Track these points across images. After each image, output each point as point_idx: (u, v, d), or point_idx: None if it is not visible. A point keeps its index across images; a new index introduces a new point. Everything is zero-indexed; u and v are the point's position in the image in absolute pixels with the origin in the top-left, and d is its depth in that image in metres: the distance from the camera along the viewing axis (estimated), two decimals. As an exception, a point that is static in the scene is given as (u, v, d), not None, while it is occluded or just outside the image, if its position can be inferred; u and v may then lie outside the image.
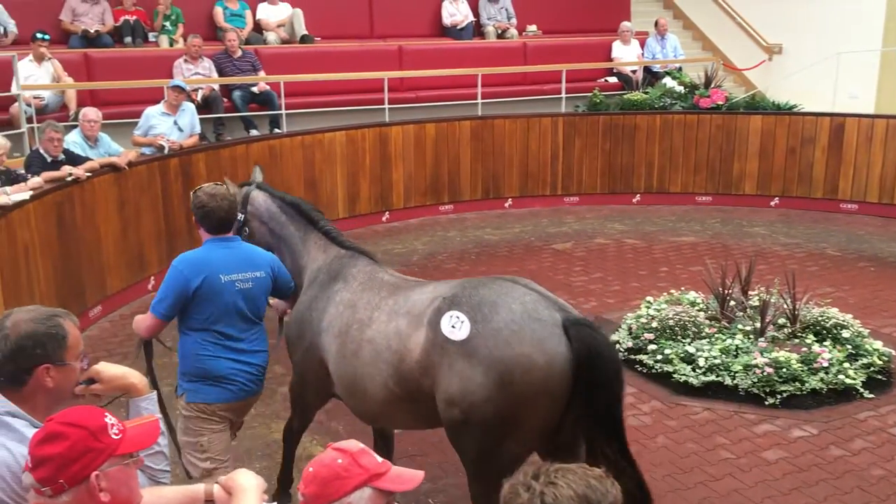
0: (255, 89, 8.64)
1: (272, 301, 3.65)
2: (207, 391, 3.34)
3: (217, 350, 3.32)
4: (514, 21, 11.01)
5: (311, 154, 8.16)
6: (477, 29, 10.89)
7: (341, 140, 8.44)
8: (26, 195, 5.22)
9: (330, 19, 10.10)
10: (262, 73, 8.78)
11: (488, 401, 2.81)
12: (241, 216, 3.87)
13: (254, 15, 9.65)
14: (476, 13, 10.92)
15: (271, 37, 9.53)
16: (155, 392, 2.12)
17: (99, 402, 1.95)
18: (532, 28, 11.18)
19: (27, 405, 1.86)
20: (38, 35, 7.73)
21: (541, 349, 2.81)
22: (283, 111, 8.48)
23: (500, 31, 10.85)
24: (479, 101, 9.53)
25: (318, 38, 9.74)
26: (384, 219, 8.86)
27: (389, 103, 9.06)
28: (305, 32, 9.56)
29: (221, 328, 3.31)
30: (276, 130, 8.47)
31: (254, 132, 8.48)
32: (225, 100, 8.49)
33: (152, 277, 6.73)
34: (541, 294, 3.05)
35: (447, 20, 10.69)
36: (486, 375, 2.81)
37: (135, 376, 2.06)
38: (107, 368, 2.03)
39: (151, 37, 9.04)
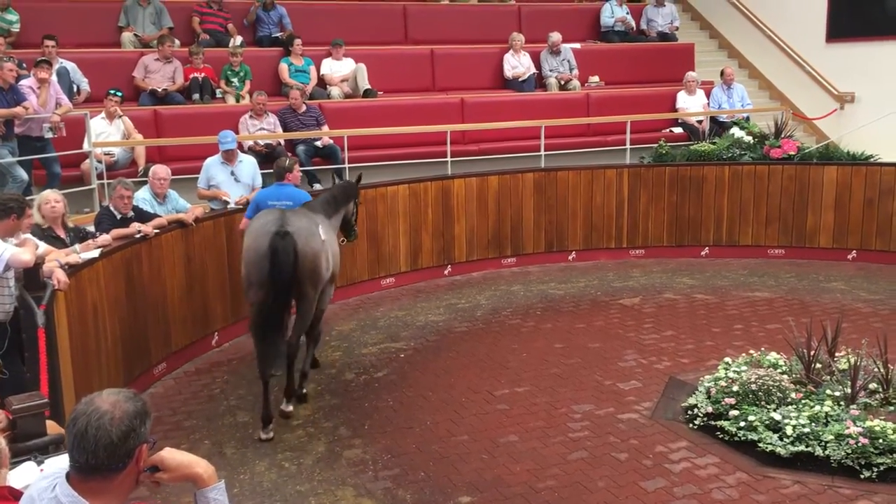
0: (318, 143, 8.69)
1: None
2: None
3: None
4: (576, 72, 10.94)
5: (373, 207, 8.12)
6: (539, 81, 10.85)
7: (404, 193, 8.39)
8: (95, 253, 5.24)
9: (393, 73, 10.18)
10: (325, 128, 8.85)
11: (242, 264, 5.33)
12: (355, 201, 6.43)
13: (318, 70, 9.77)
14: (538, 65, 10.89)
15: (335, 91, 9.62)
16: (223, 481, 2.00)
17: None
18: (594, 79, 11.09)
19: (112, 493, 1.78)
20: (111, 92, 7.92)
21: (255, 243, 5.11)
22: (347, 165, 8.50)
23: (562, 83, 10.79)
24: (542, 153, 9.42)
25: (381, 92, 9.79)
26: (446, 272, 8.74)
27: (452, 156, 9.02)
28: (368, 87, 9.63)
29: None
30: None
31: (317, 186, 8.49)
32: (289, 154, 8.54)
33: (216, 333, 6.70)
34: (280, 215, 5.23)
35: (509, 72, 10.68)
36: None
37: (201, 465, 1.94)
38: (173, 455, 1.92)
39: (219, 93, 9.20)
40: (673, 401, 5.35)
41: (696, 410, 5.00)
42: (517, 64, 10.71)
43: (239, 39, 9.77)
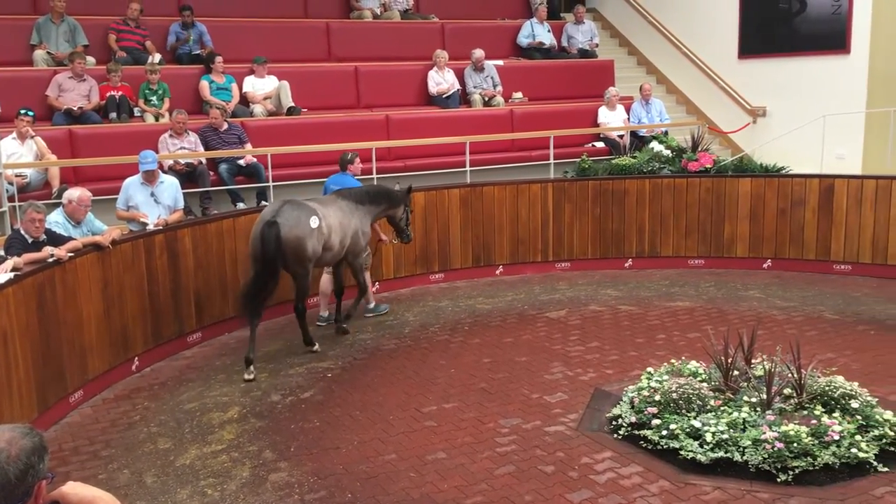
0: (241, 162, 8.58)
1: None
2: None
3: None
4: (500, 89, 11.08)
5: (299, 226, 8.02)
6: (463, 97, 10.95)
7: (330, 211, 8.32)
8: (3, 278, 5.04)
9: (317, 90, 10.13)
10: (248, 146, 8.74)
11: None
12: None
13: (240, 88, 9.65)
14: (462, 82, 10.99)
15: (258, 109, 9.52)
16: None
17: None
18: (518, 95, 11.25)
19: None
20: (22, 111, 7.67)
21: (254, 229, 6.51)
22: (271, 183, 8.40)
23: (486, 99, 10.90)
24: (468, 168, 9.50)
25: (305, 110, 9.73)
26: (374, 290, 8.69)
27: (377, 173, 9.01)
28: (292, 104, 9.56)
29: None
30: (264, 203, 8.37)
31: (241, 205, 8.38)
32: (211, 173, 8.41)
33: (137, 358, 6.52)
34: (277, 207, 6.51)
35: (433, 89, 10.74)
36: None
37: (105, 499, 1.87)
38: (74, 490, 1.85)
39: (137, 112, 9.00)
40: (598, 412, 5.42)
41: (620, 421, 5.08)
42: (441, 80, 10.78)
43: (157, 57, 9.60)
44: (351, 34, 11.15)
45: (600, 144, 10.83)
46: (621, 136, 10.84)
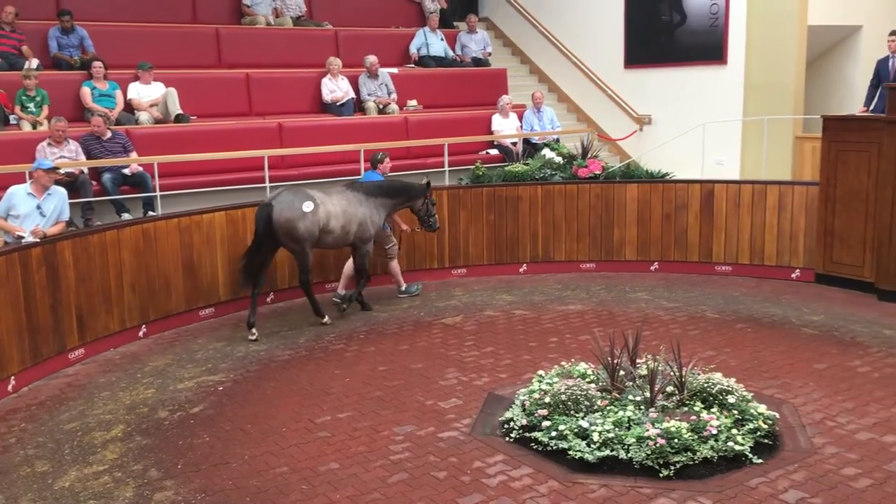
0: (126, 171, 8.30)
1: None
2: None
3: None
4: (394, 96, 11.11)
5: (188, 237, 7.84)
6: (357, 105, 10.92)
7: (221, 221, 8.15)
8: None
9: (206, 97, 9.92)
10: (133, 154, 8.47)
11: None
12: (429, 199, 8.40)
13: (125, 94, 9.35)
14: (356, 89, 10.97)
15: (143, 116, 9.24)
16: None
17: None
18: (412, 103, 11.31)
19: None
20: None
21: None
22: (158, 193, 8.16)
23: (380, 107, 10.91)
24: (363, 176, 9.45)
25: (194, 117, 9.51)
26: (269, 300, 8.57)
27: (271, 181, 8.88)
28: (180, 111, 9.32)
29: None
30: (151, 213, 8.12)
31: (126, 216, 8.11)
32: (94, 183, 8.11)
33: (13, 378, 6.20)
34: (279, 192, 7.48)
35: (327, 96, 10.68)
36: None
37: None
38: None
39: (13, 120, 8.59)
40: (491, 416, 5.49)
41: (511, 424, 5.16)
42: (335, 88, 10.73)
43: (35, 62, 9.19)
44: (242, 40, 10.97)
45: (494, 152, 11.01)
46: (514, 144, 11.05)
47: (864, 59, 11.28)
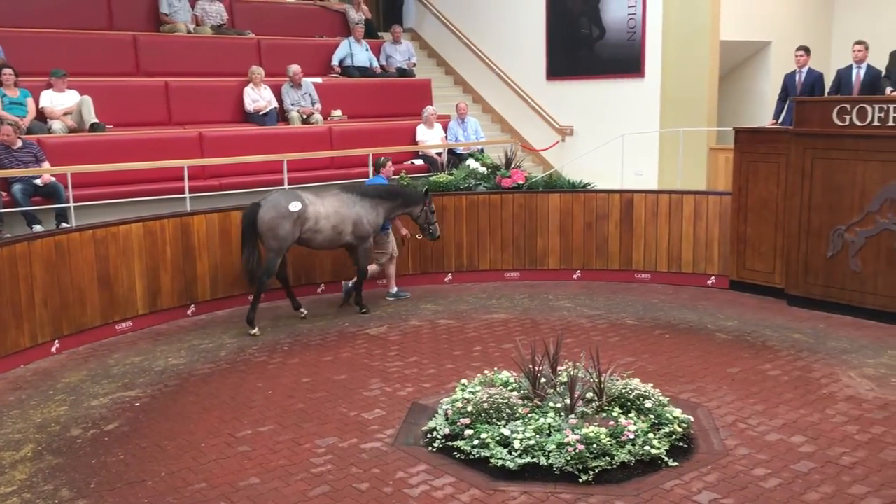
0: (38, 181, 8.03)
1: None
2: None
3: None
4: (318, 106, 11.04)
5: (104, 249, 7.63)
6: (281, 114, 10.82)
7: (138, 232, 7.96)
8: None
9: (124, 106, 9.69)
10: (46, 164, 8.20)
11: None
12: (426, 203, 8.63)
13: (37, 103, 9.05)
14: (279, 99, 10.86)
15: (57, 125, 8.96)
16: None
17: None
18: (337, 113, 11.26)
19: None
20: None
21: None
22: (72, 204, 7.91)
23: (304, 117, 10.83)
24: (286, 186, 9.37)
25: (111, 126, 9.27)
26: (189, 312, 8.41)
27: (191, 192, 8.71)
28: (95, 120, 9.07)
29: None
30: (64, 225, 7.88)
31: (38, 227, 7.84)
32: (3, 194, 7.82)
33: (-86, 397, 5.92)
34: (270, 194, 7.98)
35: (249, 106, 10.55)
36: None
37: None
38: None
39: (-85, 127, 8.21)
40: (414, 426, 5.50)
41: (434, 433, 5.17)
42: (258, 97, 10.61)
43: (-61, 68, 8.81)
44: (161, 48, 10.74)
45: (419, 162, 11.04)
46: (439, 154, 11.10)
47: (773, 73, 11.74)
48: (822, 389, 6.02)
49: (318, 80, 11.50)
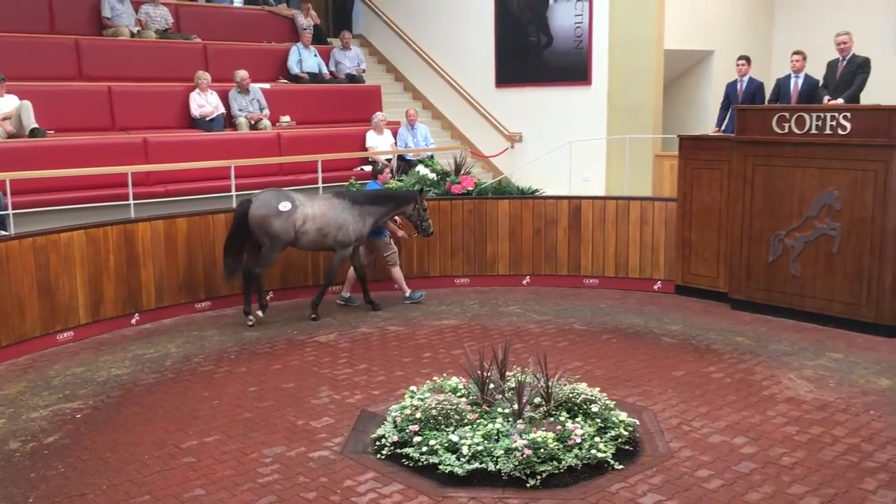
0: (-25, 188, 7.81)
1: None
2: None
3: None
4: (266, 112, 10.95)
5: (44, 257, 7.45)
6: (228, 120, 10.70)
7: (80, 240, 7.79)
8: None
9: (65, 111, 9.49)
10: (-17, 171, 7.97)
11: None
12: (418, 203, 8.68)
13: (-26, 107, 8.81)
14: (227, 104, 10.75)
15: (-5, 130, 8.72)
16: None
17: None
18: (286, 119, 11.18)
19: None
20: None
21: None
22: (11, 211, 7.71)
23: (252, 123, 10.73)
24: (234, 193, 9.27)
25: (51, 132, 9.06)
26: (134, 321, 8.25)
27: (135, 198, 8.56)
28: (35, 126, 8.86)
29: None
30: (2, 233, 7.67)
31: (-25, 236, 7.62)
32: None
33: None
34: (265, 190, 8.31)
35: (196, 111, 10.41)
36: None
37: None
38: None
39: None
40: (363, 433, 5.47)
41: (383, 441, 5.15)
42: (204, 103, 10.48)
43: None
44: (104, 52, 10.54)
45: (368, 168, 11.01)
46: (388, 160, 11.09)
47: (716, 81, 12.00)
48: (764, 391, 6.16)
49: (267, 85, 11.42)
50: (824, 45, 9.27)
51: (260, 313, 8.31)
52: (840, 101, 8.63)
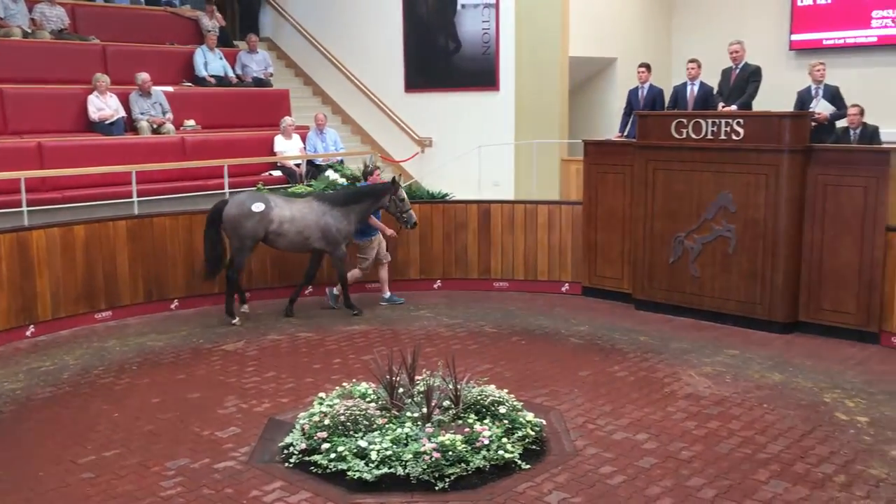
0: None
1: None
2: None
3: None
4: (169, 116, 10.68)
5: (-71, 267, 7.07)
6: (129, 124, 10.38)
7: (-32, 249, 7.43)
8: None
9: (-50, 114, 9.02)
10: None
11: None
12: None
13: None
14: (127, 108, 10.42)
15: None
16: None
17: None
18: (190, 123, 10.93)
19: None
20: None
21: None
22: None
23: (155, 126, 10.44)
24: (135, 199, 9.00)
25: (-63, 136, 8.61)
26: (28, 333, 7.91)
27: (29, 205, 8.21)
28: (-81, 129, 8.40)
29: None
30: None
31: None
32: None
33: None
34: (242, 192, 8.72)
35: (94, 115, 10.06)
36: None
37: None
38: None
39: None
40: (271, 442, 5.39)
41: (291, 449, 5.09)
42: (103, 106, 10.14)
43: None
44: (-7, 52, 10.09)
45: (277, 173, 10.87)
46: (298, 165, 10.98)
47: (619, 88, 12.35)
48: (665, 388, 6.36)
49: (170, 88, 11.13)
50: (720, 53, 9.64)
51: (245, 308, 8.57)
52: (734, 107, 9.00)
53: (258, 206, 8.17)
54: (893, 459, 5.05)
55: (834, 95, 9.09)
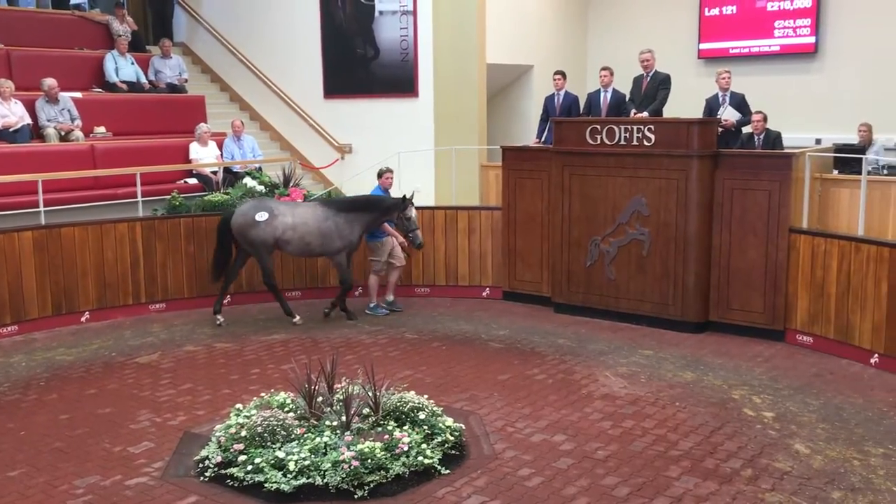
0: None
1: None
2: None
3: None
4: (78, 122, 10.34)
5: None
6: (35, 131, 10.01)
7: None
8: None
9: None
10: None
11: None
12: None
13: None
14: (33, 115, 10.05)
15: None
16: None
17: None
18: (100, 130, 10.61)
19: None
20: None
21: None
22: None
23: (62, 134, 10.09)
24: (42, 208, 8.69)
25: None
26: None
27: (-74, 216, 7.84)
28: None
29: None
30: None
31: None
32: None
33: None
34: (248, 201, 8.89)
35: (-2, 122, 9.67)
36: None
37: None
38: None
39: None
40: (186, 456, 5.27)
41: (207, 462, 4.99)
42: (7, 113, 9.75)
43: None
44: None
45: (192, 181, 10.63)
46: (214, 173, 10.77)
47: (536, 94, 12.53)
48: (582, 390, 6.48)
49: (78, 94, 10.78)
50: (632, 61, 9.88)
51: (297, 319, 8.65)
52: (645, 114, 9.24)
53: (262, 216, 8.29)
54: (797, 453, 5.26)
55: (740, 102, 9.42)
